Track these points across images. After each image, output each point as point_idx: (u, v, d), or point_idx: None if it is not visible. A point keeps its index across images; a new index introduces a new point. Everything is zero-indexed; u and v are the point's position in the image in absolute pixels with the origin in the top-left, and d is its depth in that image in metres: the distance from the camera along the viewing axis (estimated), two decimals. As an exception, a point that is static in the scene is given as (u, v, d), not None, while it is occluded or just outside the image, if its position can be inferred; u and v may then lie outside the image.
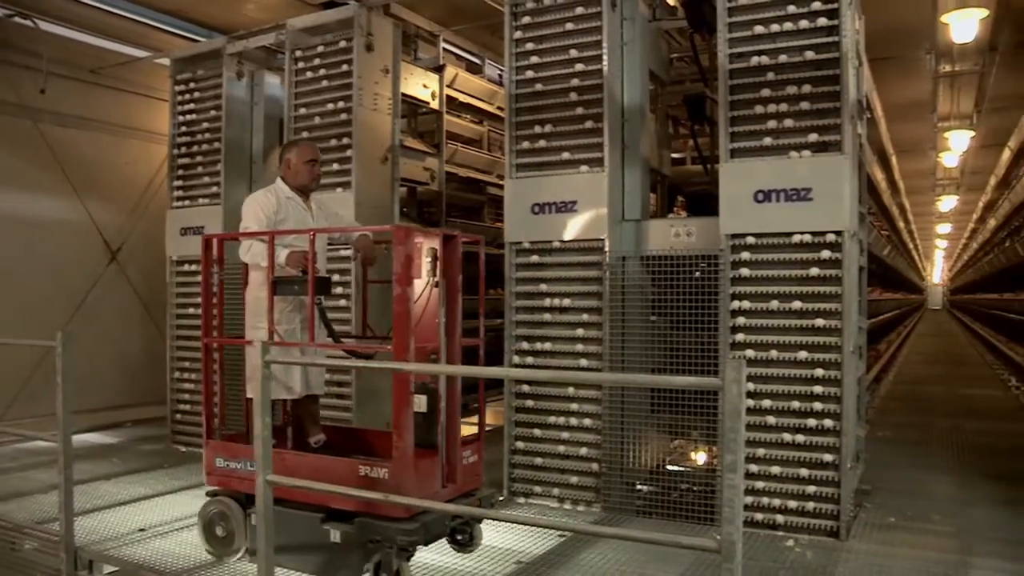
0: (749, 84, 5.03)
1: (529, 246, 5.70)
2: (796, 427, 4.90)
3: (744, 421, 2.76)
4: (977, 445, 7.71)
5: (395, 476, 4.10)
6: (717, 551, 2.82)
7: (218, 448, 4.70)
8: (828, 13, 4.85)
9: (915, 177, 19.72)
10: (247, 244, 4.69)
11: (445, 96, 8.11)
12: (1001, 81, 11.92)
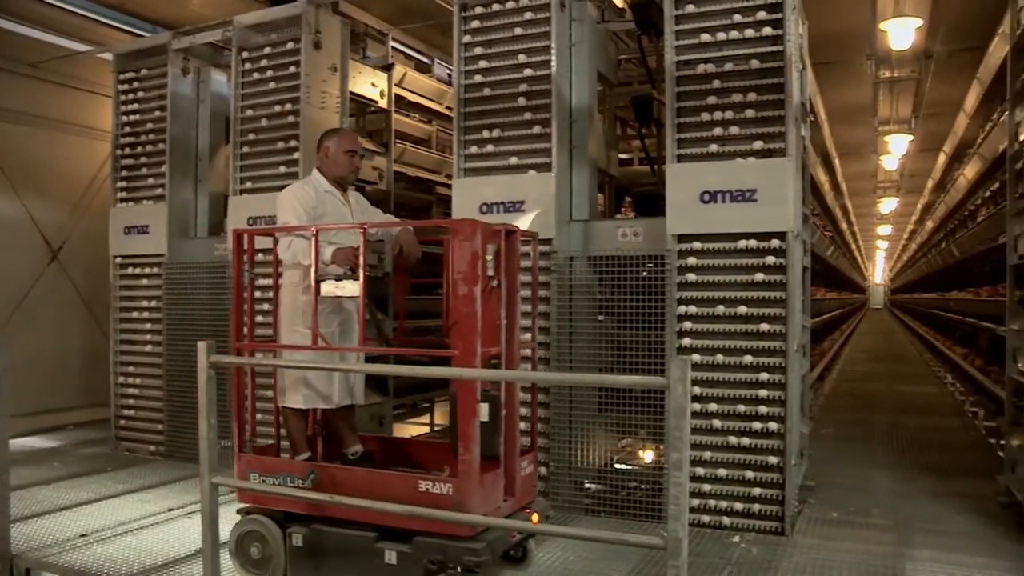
0: (695, 84, 5.11)
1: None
2: (742, 430, 4.98)
3: (689, 420, 2.80)
4: (915, 440, 7.91)
5: (460, 491, 3.82)
6: (663, 548, 2.85)
7: (252, 463, 4.38)
8: (772, 21, 4.95)
9: (857, 179, 20.16)
10: (287, 240, 4.41)
11: (394, 95, 8.07)
12: (936, 88, 12.25)
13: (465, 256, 3.86)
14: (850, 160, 17.10)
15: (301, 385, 4.50)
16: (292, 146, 6.52)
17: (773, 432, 4.92)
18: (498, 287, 4.16)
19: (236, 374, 4.56)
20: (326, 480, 4.08)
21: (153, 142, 7.41)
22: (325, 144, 4.73)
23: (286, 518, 4.19)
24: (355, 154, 4.74)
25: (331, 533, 4.00)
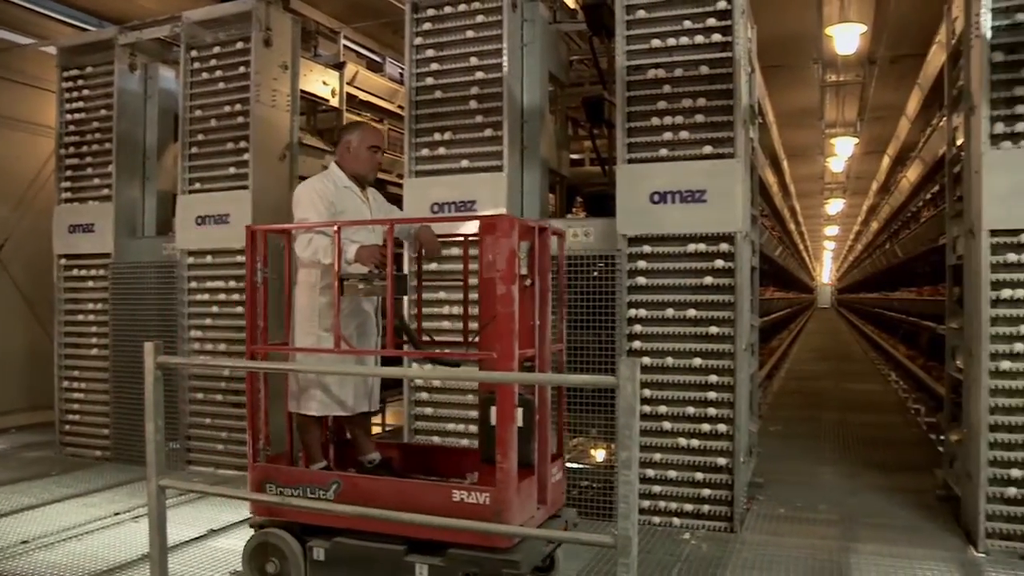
0: (646, 89, 5.17)
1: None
2: (691, 432, 5.06)
3: (638, 419, 2.83)
4: (860, 437, 8.07)
5: (499, 501, 3.61)
6: (613, 546, 2.88)
7: (268, 473, 4.13)
8: (721, 27, 5.03)
9: (805, 181, 20.50)
10: (306, 238, 4.18)
11: (345, 94, 8.03)
12: (880, 92, 12.53)
13: (503, 253, 3.65)
14: (798, 162, 17.39)
15: (317, 391, 4.32)
16: (242, 147, 6.45)
17: (722, 434, 5.00)
18: (531, 286, 4.01)
19: (250, 380, 4.33)
20: (350, 490, 3.89)
21: (99, 140, 7.27)
22: (347, 138, 4.53)
23: (304, 530, 3.98)
24: (378, 150, 4.57)
25: (356, 546, 3.80)
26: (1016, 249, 4.59)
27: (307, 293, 4.35)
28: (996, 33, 4.63)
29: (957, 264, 5.50)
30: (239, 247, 6.33)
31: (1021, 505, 4.54)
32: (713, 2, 5.06)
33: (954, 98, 5.70)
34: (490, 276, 3.71)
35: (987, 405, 4.59)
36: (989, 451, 4.59)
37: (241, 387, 6.38)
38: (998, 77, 4.64)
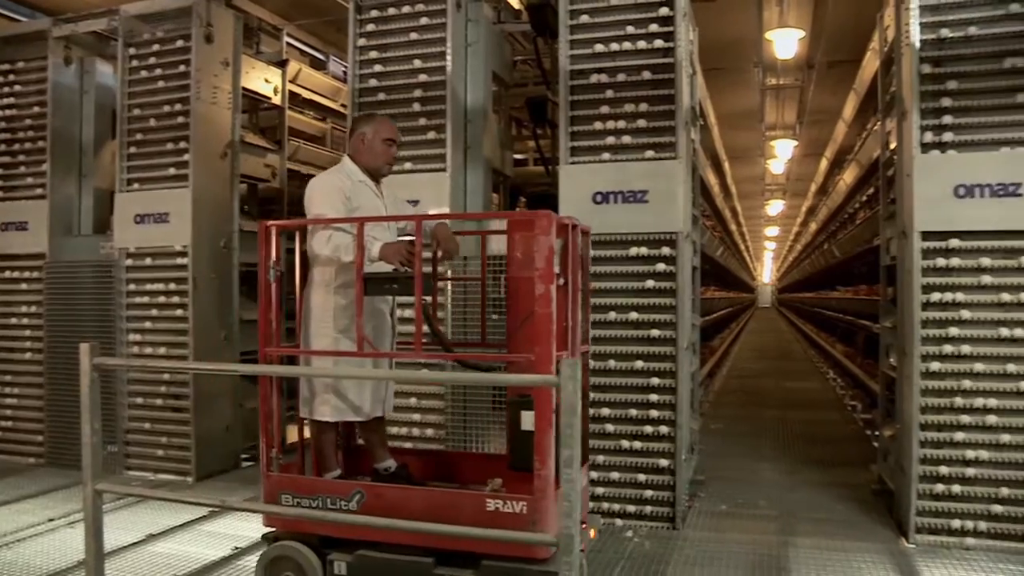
0: (588, 90, 5.22)
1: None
2: (634, 434, 5.11)
3: (579, 417, 2.85)
4: (800, 434, 8.21)
5: (537, 509, 3.46)
6: (556, 544, 2.90)
7: (283, 483, 3.95)
8: (664, 32, 5.11)
9: (746, 182, 20.81)
10: (325, 235, 3.95)
11: (288, 92, 7.95)
12: (818, 96, 12.79)
13: (542, 252, 3.53)
14: (739, 163, 17.65)
15: (331, 396, 4.12)
16: (183, 147, 6.33)
17: (664, 435, 5.06)
18: (564, 285, 3.87)
19: (263, 385, 4.09)
20: (374, 500, 3.73)
21: (33, 137, 7.08)
22: (361, 130, 4.33)
23: (323, 543, 3.81)
24: (393, 143, 4.37)
25: (381, 559, 3.64)
26: (945, 254, 4.74)
27: (321, 293, 4.15)
28: (924, 46, 4.78)
29: (891, 265, 5.63)
30: (179, 247, 6.25)
31: (949, 499, 4.69)
32: (656, 6, 5.13)
33: (887, 104, 5.84)
34: (521, 275, 3.65)
35: (918, 402, 4.72)
36: (920, 447, 4.73)
37: (182, 391, 6.28)
38: (927, 88, 4.79)
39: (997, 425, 4.62)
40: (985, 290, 4.67)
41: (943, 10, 4.77)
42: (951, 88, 4.75)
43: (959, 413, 4.68)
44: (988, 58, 4.70)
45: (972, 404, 4.65)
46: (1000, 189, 4.61)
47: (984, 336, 4.66)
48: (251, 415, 6.99)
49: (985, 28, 4.70)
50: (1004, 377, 4.63)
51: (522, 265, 3.66)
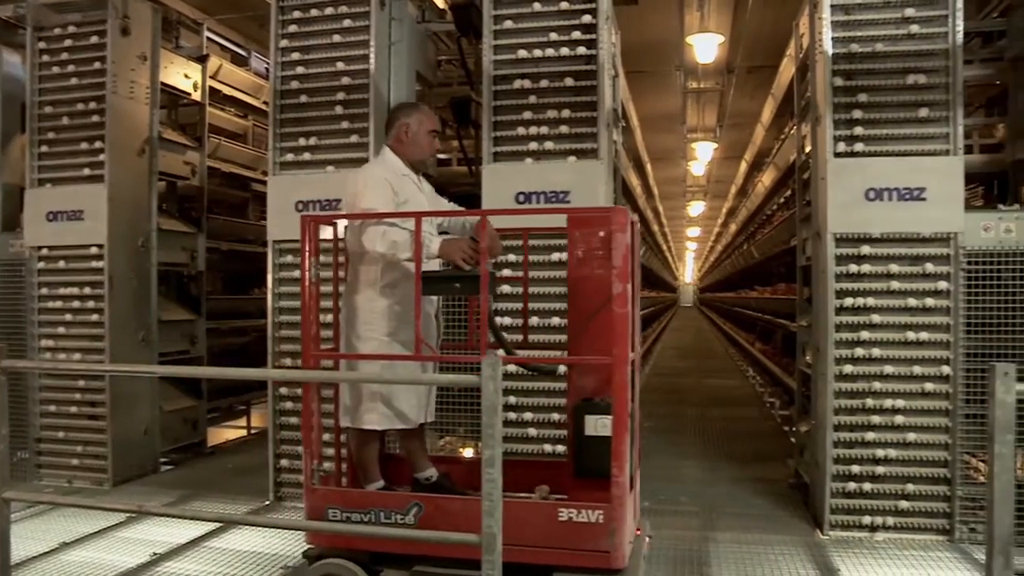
0: (512, 90, 5.23)
1: (294, 244, 5.59)
2: (557, 438, 5.12)
3: (501, 418, 2.86)
4: (721, 430, 8.39)
5: (613, 518, 3.34)
6: (478, 544, 2.90)
7: (330, 497, 3.74)
8: (586, 36, 5.16)
9: (668, 183, 21.14)
10: (378, 230, 3.73)
11: (208, 88, 7.79)
12: (737, 100, 13.07)
13: (619, 249, 3.41)
14: (661, 165, 17.92)
15: (377, 403, 3.91)
16: (97, 141, 6.15)
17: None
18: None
19: (306, 391, 3.86)
20: (434, 513, 3.55)
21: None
22: (404, 121, 4.13)
23: (374, 559, 3.62)
24: (437, 134, 4.24)
25: (441, 575, 3.47)
26: (857, 260, 4.89)
27: (367, 292, 3.94)
28: (836, 59, 4.94)
29: (806, 265, 5.80)
30: (95, 246, 6.06)
31: (860, 496, 4.85)
32: (579, 7, 5.18)
33: (803, 109, 6.01)
34: (585, 273, 3.53)
35: (832, 398, 4.87)
36: (834, 442, 4.88)
37: (97, 397, 6.09)
38: (839, 98, 4.95)
39: (905, 425, 4.80)
40: (894, 295, 4.85)
41: (853, 26, 4.95)
42: (861, 100, 4.92)
43: (870, 414, 4.85)
44: (894, 73, 4.90)
45: (882, 405, 4.83)
46: (907, 194, 4.79)
47: (893, 339, 4.85)
48: (171, 418, 6.85)
49: (890, 45, 4.90)
50: (911, 379, 4.82)
51: (584, 263, 3.55)
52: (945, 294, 4.78)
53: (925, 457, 4.79)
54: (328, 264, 4.03)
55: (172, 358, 6.95)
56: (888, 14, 4.90)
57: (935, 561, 4.46)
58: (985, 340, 4.75)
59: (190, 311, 7.33)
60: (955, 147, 4.80)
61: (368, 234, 3.77)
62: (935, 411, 4.79)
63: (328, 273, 4.03)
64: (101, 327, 6.08)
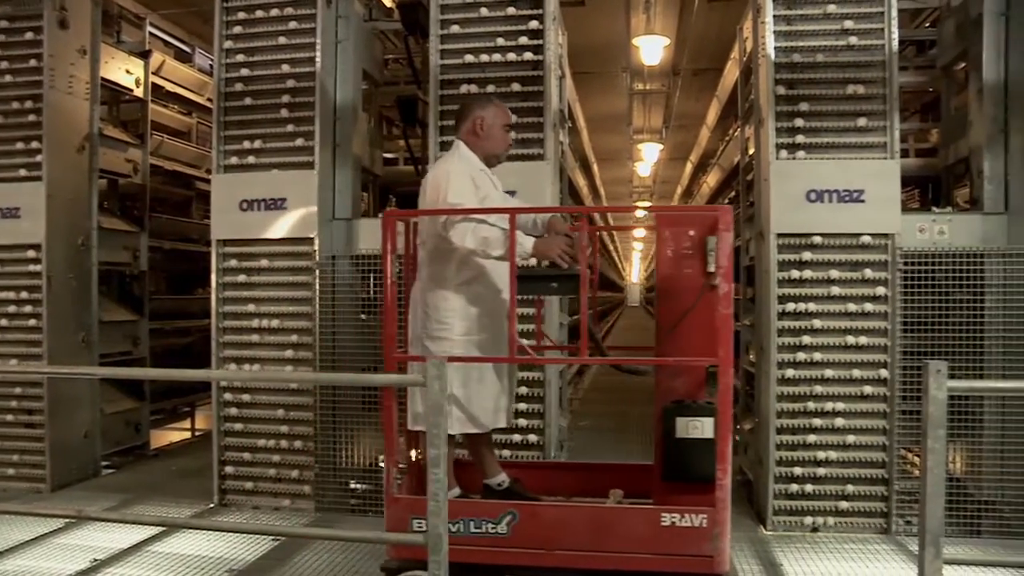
0: (458, 91, 5.25)
1: (238, 243, 5.53)
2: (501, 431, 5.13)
3: (446, 416, 2.86)
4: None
5: (717, 522, 3.30)
6: (424, 544, 2.90)
7: (414, 507, 3.54)
8: (533, 36, 5.19)
9: (614, 184, 21.30)
10: (468, 226, 3.59)
11: (151, 84, 7.64)
12: (683, 102, 13.21)
13: (725, 249, 3.36)
14: (608, 166, 18.05)
15: (454, 407, 3.73)
16: (35, 140, 5.97)
17: (533, 428, 5.13)
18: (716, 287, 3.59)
19: (387, 395, 3.73)
20: (529, 521, 3.44)
21: None
22: (479, 114, 3.97)
23: (462, 571, 3.38)
24: (511, 128, 4.10)
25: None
26: (799, 261, 5.00)
27: (439, 291, 3.81)
28: (779, 68, 5.04)
29: (750, 265, 5.89)
30: (32, 244, 5.91)
31: (802, 497, 4.96)
32: (525, 8, 5.20)
33: (746, 111, 6.11)
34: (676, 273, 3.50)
35: (775, 396, 4.96)
36: (776, 441, 4.97)
37: (35, 405, 5.93)
38: (781, 104, 5.05)
39: (844, 427, 4.93)
40: (834, 298, 4.97)
41: (794, 36, 5.06)
42: (803, 103, 5.03)
43: (811, 417, 4.96)
44: (834, 78, 5.02)
45: (823, 408, 4.95)
46: (846, 195, 4.91)
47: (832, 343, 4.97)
48: (112, 420, 6.72)
49: (830, 51, 5.02)
50: (850, 382, 4.95)
51: (674, 263, 3.50)
52: (883, 295, 4.90)
53: (864, 458, 4.91)
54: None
55: (114, 359, 6.82)
56: (828, 25, 5.02)
57: (872, 554, 4.57)
58: (920, 338, 4.89)
59: (132, 311, 7.20)
60: (892, 151, 4.93)
61: (457, 230, 3.63)
62: (874, 412, 4.91)
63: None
64: (39, 331, 5.92)
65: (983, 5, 5.05)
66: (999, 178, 5.05)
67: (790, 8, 5.06)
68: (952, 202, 5.53)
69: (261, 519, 5.31)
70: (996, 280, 4.83)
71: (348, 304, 5.41)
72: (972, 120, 5.24)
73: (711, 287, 3.49)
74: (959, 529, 4.77)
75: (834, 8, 5.00)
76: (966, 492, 4.87)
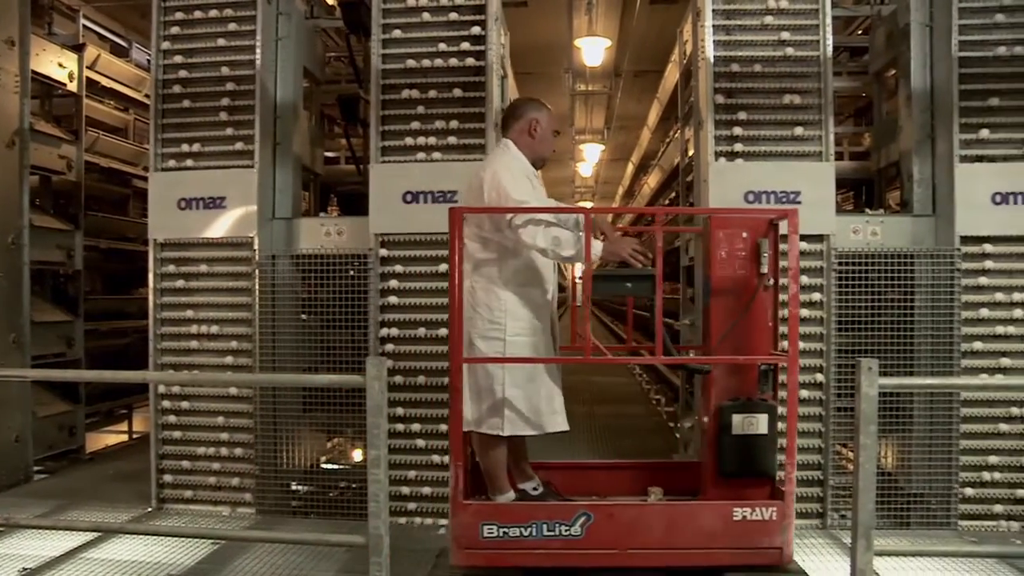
0: (400, 89, 5.24)
1: (176, 243, 5.44)
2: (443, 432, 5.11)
3: (386, 417, 2.86)
4: (608, 427, 8.52)
5: (784, 515, 3.48)
6: (364, 546, 2.89)
7: (484, 512, 3.59)
8: (476, 36, 5.20)
9: (557, 184, 21.42)
10: (537, 225, 3.62)
11: (85, 78, 7.46)
12: (624, 103, 13.35)
13: (793, 250, 3.53)
14: (550, 166, 17.86)
15: (505, 407, 3.75)
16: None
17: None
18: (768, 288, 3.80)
19: (454, 396, 3.70)
20: (604, 522, 3.50)
21: None
22: (534, 116, 4.02)
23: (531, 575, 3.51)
24: (558, 133, 4.17)
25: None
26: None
27: (493, 290, 3.81)
28: (717, 67, 5.12)
29: (690, 265, 5.98)
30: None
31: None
32: (468, 8, 5.21)
33: (686, 113, 6.19)
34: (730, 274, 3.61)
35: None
36: (715, 435, 5.04)
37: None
38: (720, 105, 5.13)
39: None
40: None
41: (733, 39, 5.15)
42: (741, 105, 5.13)
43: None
44: (771, 83, 5.11)
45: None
46: (783, 197, 5.01)
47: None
48: (45, 424, 6.56)
49: (768, 67, 5.12)
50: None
51: (728, 264, 3.63)
52: (819, 296, 5.01)
53: (803, 453, 4.98)
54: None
55: (47, 361, 6.65)
56: (766, 36, 5.12)
57: (808, 547, 4.66)
58: (854, 337, 5.01)
59: (67, 312, 7.02)
60: (827, 153, 5.04)
61: (528, 229, 3.66)
62: (811, 410, 5.00)
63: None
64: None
65: (910, 15, 5.20)
66: (927, 181, 5.21)
67: (729, 18, 5.14)
68: (884, 204, 5.68)
69: (200, 522, 5.22)
70: (925, 280, 4.97)
71: (288, 305, 5.35)
72: (902, 125, 5.40)
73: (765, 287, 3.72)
74: (890, 521, 4.91)
75: (771, 19, 5.10)
76: (897, 485, 5.01)
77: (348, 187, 6.66)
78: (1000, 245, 4.96)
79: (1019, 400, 4.92)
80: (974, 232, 4.95)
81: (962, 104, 4.97)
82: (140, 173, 8.53)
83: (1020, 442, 4.92)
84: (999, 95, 4.98)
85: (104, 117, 8.53)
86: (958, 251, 4.94)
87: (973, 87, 4.98)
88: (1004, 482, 4.91)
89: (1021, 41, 4.99)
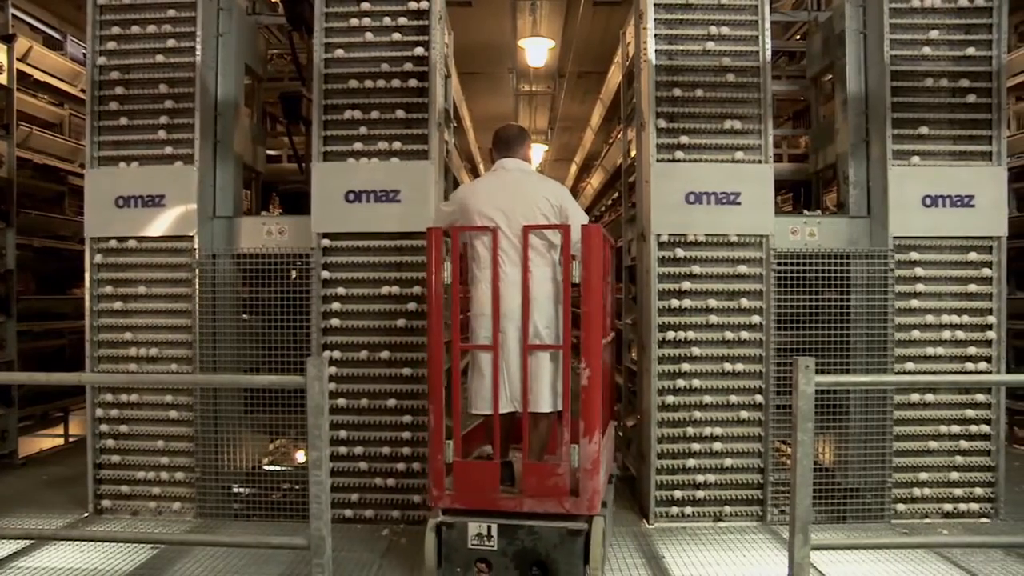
0: (343, 87, 5.20)
1: (114, 242, 5.33)
2: (394, 423, 5.13)
3: (327, 418, 2.84)
4: (551, 427, 8.57)
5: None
6: (307, 547, 2.87)
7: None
8: (419, 36, 5.20)
9: (502, 185, 21.41)
10: None
11: (16, 71, 7.25)
12: (568, 104, 13.44)
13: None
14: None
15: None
16: None
17: (422, 424, 5.11)
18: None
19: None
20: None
21: None
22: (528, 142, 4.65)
23: None
24: None
25: None
26: (676, 261, 5.15)
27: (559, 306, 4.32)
28: (659, 69, 5.21)
29: (632, 265, 6.04)
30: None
31: (683, 486, 5.12)
32: (412, 8, 5.20)
33: (629, 114, 6.25)
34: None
35: (656, 392, 5.10)
36: (658, 436, 5.12)
37: None
38: (662, 108, 5.22)
39: (723, 421, 5.12)
40: (713, 293, 5.14)
41: (675, 49, 5.24)
42: (682, 108, 5.21)
43: (692, 410, 5.12)
44: (712, 89, 5.21)
45: (703, 402, 5.12)
46: (724, 198, 5.10)
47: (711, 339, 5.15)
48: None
49: (709, 70, 5.22)
50: (728, 376, 5.14)
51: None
52: (758, 293, 5.11)
53: (741, 450, 5.11)
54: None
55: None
56: (707, 39, 5.21)
57: (749, 543, 4.76)
58: (792, 336, 5.11)
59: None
60: (766, 156, 5.15)
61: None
62: (750, 407, 5.12)
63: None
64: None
65: (845, 22, 5.34)
66: (862, 184, 5.35)
67: (670, 21, 5.22)
68: (821, 206, 5.80)
69: (139, 527, 5.13)
70: (860, 280, 5.10)
71: (229, 304, 5.28)
72: (838, 128, 5.53)
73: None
74: (827, 515, 5.04)
75: (712, 24, 5.20)
76: (834, 480, 5.13)
77: (290, 186, 6.59)
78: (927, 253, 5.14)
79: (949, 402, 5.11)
80: (905, 233, 5.11)
81: (895, 112, 5.12)
82: (76, 170, 8.33)
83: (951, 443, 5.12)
84: (929, 102, 5.15)
85: (38, 112, 8.31)
86: (891, 252, 5.08)
87: (904, 96, 5.15)
88: (935, 481, 5.11)
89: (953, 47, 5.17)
